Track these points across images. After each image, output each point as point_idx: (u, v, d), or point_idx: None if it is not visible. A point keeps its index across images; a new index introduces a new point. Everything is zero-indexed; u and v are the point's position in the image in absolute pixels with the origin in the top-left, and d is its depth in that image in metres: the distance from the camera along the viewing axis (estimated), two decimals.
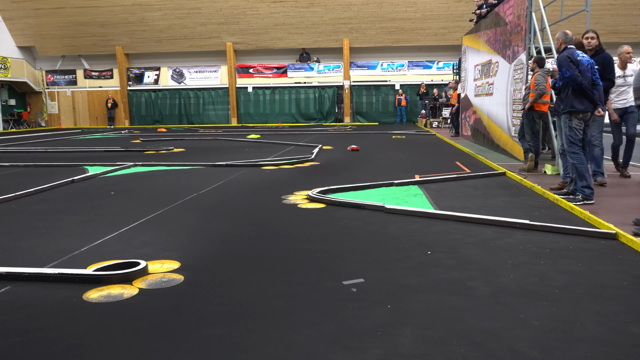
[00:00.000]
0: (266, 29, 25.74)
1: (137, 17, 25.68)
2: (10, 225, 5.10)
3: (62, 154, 11.96)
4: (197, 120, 27.28)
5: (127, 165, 9.12)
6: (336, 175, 8.12)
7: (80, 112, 28.11)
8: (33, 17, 26.31)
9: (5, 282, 3.41)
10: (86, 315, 2.92)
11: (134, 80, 27.54)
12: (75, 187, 7.27)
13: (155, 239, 4.50)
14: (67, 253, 4.07)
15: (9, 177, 8.37)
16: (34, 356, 2.46)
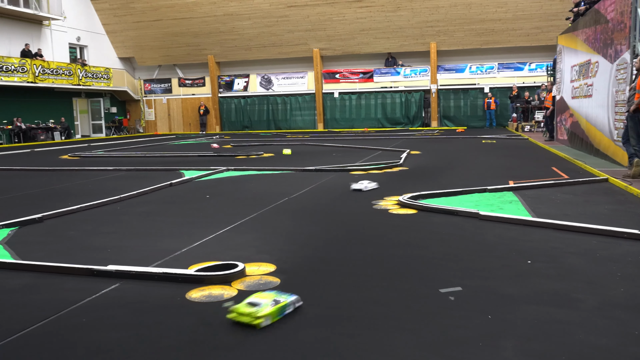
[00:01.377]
0: (352, 35, 25.85)
1: (227, 27, 26.58)
2: (116, 225, 5.42)
3: (159, 159, 12.57)
4: (284, 126, 27.81)
5: (221, 169, 9.44)
6: (426, 181, 8.00)
7: (175, 118, 29.45)
8: (133, 30, 27.89)
9: (115, 279, 3.62)
10: (189, 314, 3.04)
11: (224, 88, 28.51)
12: (174, 191, 7.61)
13: (250, 241, 4.62)
14: (169, 253, 4.26)
15: (113, 180, 8.90)
16: (141, 351, 2.59)
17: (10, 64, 21.33)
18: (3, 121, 22.17)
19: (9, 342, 2.71)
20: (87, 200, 6.73)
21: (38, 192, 7.88)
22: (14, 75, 21.48)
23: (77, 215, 5.92)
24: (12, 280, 3.69)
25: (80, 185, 8.45)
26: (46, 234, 5.11)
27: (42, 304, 3.24)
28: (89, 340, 2.73)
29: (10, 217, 5.75)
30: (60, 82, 23.86)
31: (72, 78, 24.43)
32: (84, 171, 10.40)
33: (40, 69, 22.67)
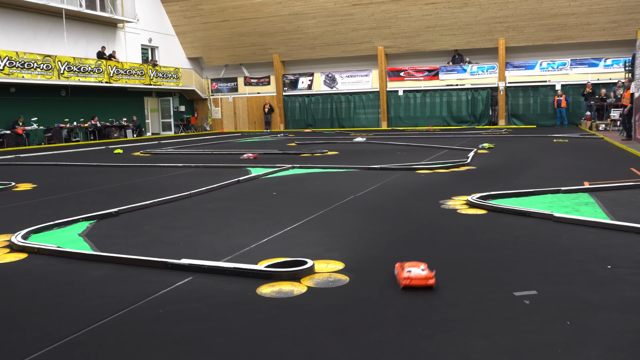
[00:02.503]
0: (418, 32, 25.53)
1: (293, 26, 26.83)
2: (188, 220, 5.57)
3: (226, 156, 12.84)
4: (347, 124, 27.81)
5: (286, 167, 9.54)
6: (495, 181, 7.79)
7: (240, 116, 30.02)
8: (201, 31, 28.63)
9: (188, 272, 3.71)
10: (260, 309, 3.08)
11: (288, 86, 28.80)
12: (241, 187, 7.75)
13: (318, 239, 4.64)
14: (239, 249, 4.34)
15: (183, 177, 9.15)
16: (215, 343, 2.64)
17: (87, 65, 22.35)
18: (80, 119, 23.27)
19: (91, 330, 2.83)
20: (159, 195, 6.96)
21: (113, 188, 8.21)
22: (90, 76, 22.49)
23: (150, 210, 6.13)
24: (93, 271, 3.86)
25: (152, 181, 8.75)
26: (122, 227, 5.32)
27: (120, 295, 3.36)
28: (165, 331, 2.81)
29: (88, 210, 6.02)
30: (132, 82, 24.80)
31: (143, 78, 25.33)
32: (155, 168, 10.76)
33: (115, 69, 23.64)
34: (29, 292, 3.49)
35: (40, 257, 4.25)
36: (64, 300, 3.33)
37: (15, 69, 19.47)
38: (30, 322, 3.00)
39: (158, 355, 2.53)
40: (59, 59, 21.11)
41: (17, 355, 2.55)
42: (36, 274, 3.86)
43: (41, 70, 20.39)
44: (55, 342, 2.68)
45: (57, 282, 3.66)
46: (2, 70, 18.97)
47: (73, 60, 21.70)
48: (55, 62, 20.90)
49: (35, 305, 3.26)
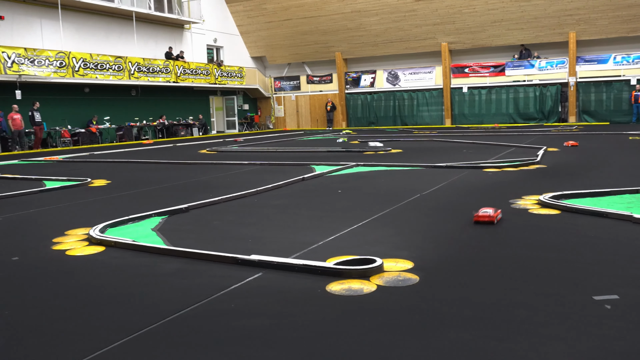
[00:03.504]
0: (483, 27, 24.93)
1: (355, 24, 26.77)
2: (256, 217, 5.65)
3: (290, 154, 12.97)
4: (410, 122, 27.52)
5: (350, 165, 9.53)
6: (567, 180, 7.50)
7: (303, 115, 30.25)
8: (265, 30, 29.02)
9: (257, 268, 3.76)
10: (330, 306, 3.08)
11: (351, 84, 28.78)
12: (306, 185, 7.80)
13: (385, 237, 4.60)
14: (307, 246, 4.36)
15: (248, 174, 9.31)
16: (286, 339, 2.66)
17: (156, 66, 23.09)
18: (149, 118, 24.08)
19: (165, 323, 2.91)
20: (226, 192, 7.10)
21: (182, 184, 8.44)
22: (159, 76, 23.24)
23: (219, 206, 6.26)
24: (166, 264, 3.97)
25: (219, 178, 8.94)
26: (192, 222, 5.45)
27: (193, 288, 3.44)
28: (237, 325, 2.85)
29: (159, 206, 6.21)
30: (198, 82, 25.44)
31: (209, 77, 25.94)
32: (221, 165, 10.99)
33: (182, 69, 24.32)
34: (107, 284, 3.63)
35: (117, 250, 4.42)
36: (140, 292, 3.44)
37: (89, 70, 20.35)
38: (109, 312, 3.12)
39: (231, 349, 2.57)
40: (130, 59, 21.91)
41: (97, 344, 2.65)
42: (113, 266, 4.02)
43: (113, 71, 21.23)
44: (133, 333, 2.77)
45: (133, 275, 3.79)
46: (77, 72, 19.87)
47: (142, 61, 22.48)
48: (125, 63, 21.71)
49: (113, 296, 3.39)
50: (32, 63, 18.46)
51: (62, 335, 2.80)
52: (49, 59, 19.01)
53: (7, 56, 17.70)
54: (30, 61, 18.41)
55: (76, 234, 5.03)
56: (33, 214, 6.30)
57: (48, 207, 6.69)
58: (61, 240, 4.83)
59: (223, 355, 2.51)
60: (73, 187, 8.38)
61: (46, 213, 6.33)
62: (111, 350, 2.59)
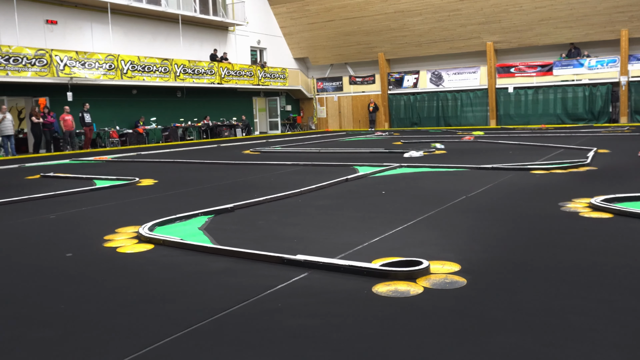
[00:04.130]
0: (530, 25, 24.40)
1: (398, 24, 26.62)
2: (300, 217, 5.68)
3: (333, 155, 12.98)
4: (454, 122, 27.17)
5: (394, 166, 9.47)
6: (620, 182, 7.26)
7: (345, 115, 30.24)
8: (308, 31, 29.15)
9: (303, 268, 3.78)
10: (376, 307, 3.06)
11: (393, 85, 28.62)
12: (349, 186, 7.79)
13: (431, 239, 4.55)
14: (352, 247, 4.35)
15: (291, 175, 9.36)
16: (333, 339, 2.66)
17: (201, 67, 23.49)
18: (194, 119, 24.51)
19: (214, 320, 2.95)
20: (270, 192, 7.16)
21: (227, 184, 8.56)
22: (203, 78, 23.63)
23: (263, 206, 6.32)
24: (213, 263, 4.04)
25: (263, 179, 9.02)
26: (238, 222, 5.52)
27: (240, 287, 3.48)
28: (285, 324, 2.87)
29: (206, 205, 6.31)
30: (242, 83, 25.75)
31: (252, 79, 26.22)
32: (264, 165, 11.10)
33: (226, 71, 24.66)
34: (158, 281, 3.71)
35: (166, 248, 4.52)
36: (189, 290, 3.50)
37: (137, 72, 20.86)
38: (159, 308, 3.19)
39: (278, 348, 2.59)
40: (175, 62, 22.36)
41: (148, 339, 2.72)
42: (162, 264, 4.11)
43: (159, 73, 21.70)
44: (183, 329, 2.83)
45: (181, 273, 3.86)
46: (125, 74, 20.40)
47: (188, 63, 22.90)
48: (172, 65, 22.15)
49: (163, 293, 3.46)
50: (82, 66, 19.04)
51: (115, 330, 2.88)
52: (99, 61, 19.57)
53: (60, 59, 18.31)
54: (81, 64, 18.99)
55: (126, 232, 5.16)
56: (85, 212, 6.50)
57: (99, 206, 6.88)
58: (112, 238, 4.96)
59: (271, 354, 2.53)
60: (122, 187, 8.60)
61: (97, 211, 6.52)
62: (162, 345, 2.65)
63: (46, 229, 5.63)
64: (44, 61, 17.85)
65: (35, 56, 17.61)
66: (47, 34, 19.61)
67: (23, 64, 17.28)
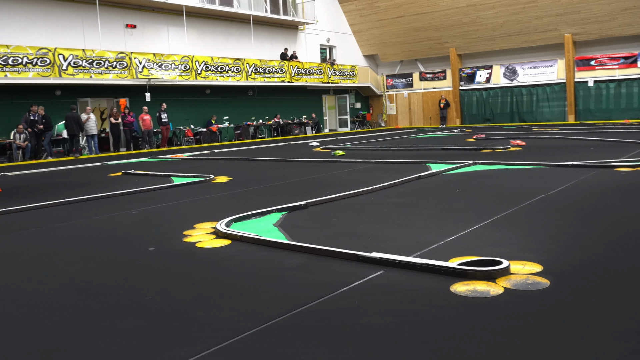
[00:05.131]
0: (612, 15, 23.18)
1: (470, 18, 25.99)
2: (373, 215, 5.66)
3: (404, 152, 12.85)
4: (529, 118, 26.26)
5: (468, 163, 9.26)
6: None
7: (415, 112, 29.87)
8: (377, 28, 28.98)
9: (378, 266, 3.76)
10: (454, 307, 3.00)
11: (465, 80, 27.99)
12: (422, 183, 7.69)
13: (509, 238, 4.42)
14: (427, 245, 4.29)
15: (363, 172, 9.34)
16: (410, 338, 2.63)
17: (272, 66, 23.84)
18: (265, 117, 24.93)
19: (291, 316, 2.99)
20: (342, 189, 7.17)
21: (298, 181, 8.65)
22: (274, 76, 23.98)
23: (336, 204, 6.34)
24: (289, 259, 4.09)
25: (334, 176, 9.05)
26: (311, 219, 5.57)
27: (315, 284, 3.51)
28: (361, 322, 2.87)
29: (279, 202, 6.40)
30: (312, 81, 25.94)
31: (322, 77, 26.36)
32: (335, 163, 11.13)
33: (296, 69, 24.91)
34: (235, 275, 3.80)
35: (242, 244, 4.62)
36: (265, 285, 3.57)
37: (211, 73, 21.43)
38: (238, 302, 3.26)
39: (354, 345, 2.59)
40: (247, 61, 22.80)
41: (228, 332, 2.78)
42: (239, 259, 4.20)
43: (232, 72, 22.20)
44: (262, 324, 2.88)
45: (258, 268, 3.93)
46: (199, 74, 21.00)
47: (259, 62, 23.30)
48: (243, 64, 22.62)
49: (241, 288, 3.54)
50: (159, 67, 19.76)
51: (197, 322, 2.97)
52: (175, 63, 20.25)
53: (139, 61, 19.08)
54: (158, 65, 19.72)
55: (204, 228, 5.31)
56: (164, 208, 6.74)
57: (176, 202, 7.13)
58: (191, 233, 5.13)
59: (348, 351, 2.53)
60: (198, 184, 8.87)
61: (175, 207, 6.75)
62: (242, 339, 2.71)
63: (129, 223, 5.89)
64: (124, 64, 18.66)
65: (116, 59, 18.44)
66: (126, 37, 20.49)
67: (105, 67, 18.14)
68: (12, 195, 8.67)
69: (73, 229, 5.74)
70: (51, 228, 5.83)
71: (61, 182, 10.24)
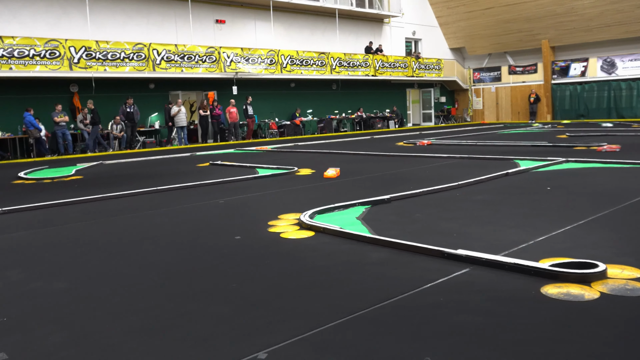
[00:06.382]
0: None
1: (564, 8, 24.75)
2: (458, 211, 5.53)
3: (491, 148, 12.46)
4: (628, 114, 24.68)
5: (559, 160, 8.84)
6: None
7: (503, 107, 28.87)
8: (464, 20, 28.23)
9: (464, 263, 3.67)
10: (545, 310, 2.88)
11: (558, 74, 26.72)
12: (510, 180, 7.43)
13: (606, 241, 4.18)
14: (516, 244, 4.13)
15: (447, 167, 9.15)
16: (497, 339, 2.55)
17: (356, 60, 23.82)
18: (348, 111, 24.96)
19: (373, 310, 2.97)
20: (425, 185, 7.05)
21: (381, 175, 8.60)
22: (358, 70, 23.94)
23: (420, 199, 6.25)
24: (373, 253, 4.07)
25: (418, 171, 8.92)
26: (394, 214, 5.52)
27: (399, 279, 3.48)
28: (446, 319, 2.81)
29: (361, 196, 6.39)
30: (396, 75, 25.68)
31: (406, 70, 26.03)
32: (418, 157, 10.96)
33: (380, 63, 24.75)
34: (319, 267, 3.84)
35: (326, 236, 4.65)
36: (349, 278, 3.57)
37: (295, 66, 21.71)
38: (322, 294, 3.29)
39: (438, 343, 2.54)
40: (332, 55, 22.90)
41: (312, 323, 2.81)
42: (323, 251, 4.23)
43: (316, 66, 22.38)
44: (345, 316, 2.88)
45: (342, 261, 3.95)
46: (284, 68, 21.33)
47: (343, 56, 23.34)
48: (328, 58, 22.73)
49: (325, 279, 3.56)
50: (246, 61, 20.25)
51: (281, 311, 3.02)
52: (261, 57, 20.68)
53: (227, 56, 19.65)
54: (245, 59, 20.21)
55: (288, 219, 5.40)
56: (249, 198, 6.91)
57: (261, 193, 7.29)
58: (275, 224, 5.22)
59: (432, 347, 2.49)
60: (282, 175, 9.02)
61: (260, 198, 6.90)
62: (326, 330, 2.73)
63: (216, 212, 6.08)
64: (213, 58, 19.27)
65: (205, 53, 19.08)
66: (216, 32, 21.14)
67: (195, 61, 18.82)
68: (108, 182, 9.19)
69: (164, 216, 6.00)
70: (144, 215, 6.12)
71: (153, 172, 10.75)
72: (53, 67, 15.78)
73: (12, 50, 15.05)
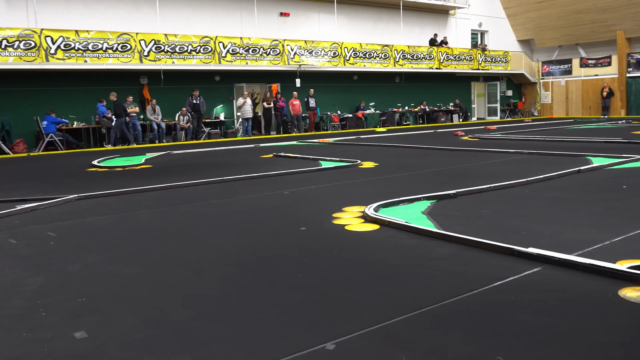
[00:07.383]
0: None
1: None
2: (526, 209, 5.37)
3: (561, 143, 12.03)
4: None
5: (635, 158, 8.43)
6: None
7: (573, 101, 27.77)
8: (534, 11, 27.28)
9: (535, 262, 3.57)
10: (625, 313, 2.77)
11: (634, 67, 25.43)
12: (582, 178, 7.15)
13: None
14: (590, 244, 3.98)
15: (514, 163, 8.90)
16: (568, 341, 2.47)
17: (420, 53, 23.48)
18: (411, 104, 24.67)
19: (441, 306, 2.94)
20: (491, 180, 6.89)
21: (445, 170, 8.46)
22: (422, 63, 23.60)
23: (486, 195, 6.11)
24: (439, 248, 4.02)
25: (484, 166, 8.72)
26: (460, 209, 5.42)
27: (467, 275, 3.42)
28: (515, 319, 2.74)
29: (425, 190, 6.31)
30: (461, 67, 25.15)
31: (472, 63, 25.45)
32: (484, 152, 10.71)
33: (445, 55, 24.30)
34: (385, 260, 3.82)
35: (391, 229, 4.63)
36: (416, 272, 3.54)
37: (358, 59, 21.63)
38: (389, 288, 3.28)
39: (509, 341, 2.49)
40: (395, 47, 22.67)
41: (380, 316, 2.81)
42: (388, 244, 4.21)
43: (379, 59, 22.22)
44: (413, 311, 2.87)
45: (407, 255, 3.92)
46: (347, 61, 21.29)
47: (407, 49, 23.05)
48: (391, 51, 22.51)
49: (391, 273, 3.55)
50: (310, 54, 20.33)
51: (348, 303, 3.03)
52: (324, 49, 20.71)
53: (290, 48, 19.80)
54: (309, 52, 20.30)
55: (352, 212, 5.40)
56: (313, 190, 6.96)
57: (325, 185, 7.32)
58: (340, 216, 5.23)
59: (502, 346, 2.44)
60: (345, 168, 9.02)
61: (324, 190, 6.94)
62: (393, 324, 2.72)
63: (281, 203, 6.16)
64: (277, 50, 19.47)
65: (270, 46, 19.30)
66: (280, 25, 21.33)
67: (260, 54, 19.07)
68: (176, 171, 9.46)
69: (230, 205, 6.13)
70: (210, 204, 6.28)
71: (218, 162, 10.98)
72: (124, 60, 16.37)
73: (87, 44, 15.71)
